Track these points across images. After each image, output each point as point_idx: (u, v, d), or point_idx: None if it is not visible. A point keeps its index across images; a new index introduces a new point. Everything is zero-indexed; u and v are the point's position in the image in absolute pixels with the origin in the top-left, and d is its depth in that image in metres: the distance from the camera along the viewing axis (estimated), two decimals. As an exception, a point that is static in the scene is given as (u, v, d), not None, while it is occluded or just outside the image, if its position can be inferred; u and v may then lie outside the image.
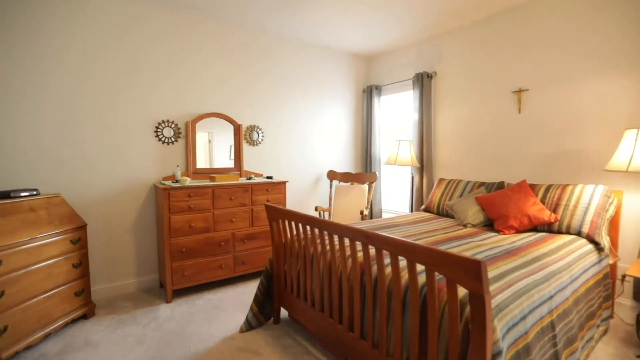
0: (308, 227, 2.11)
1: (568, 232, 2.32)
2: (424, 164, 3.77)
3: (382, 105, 4.50)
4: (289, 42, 3.86)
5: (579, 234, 2.27)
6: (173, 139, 3.14)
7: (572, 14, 2.70)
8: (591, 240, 2.22)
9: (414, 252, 1.29)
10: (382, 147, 4.51)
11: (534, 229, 2.47)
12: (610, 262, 2.27)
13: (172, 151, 3.16)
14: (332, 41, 3.95)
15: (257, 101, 3.67)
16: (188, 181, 2.86)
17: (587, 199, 2.34)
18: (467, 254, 1.85)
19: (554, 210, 2.44)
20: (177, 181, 2.91)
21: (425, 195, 3.78)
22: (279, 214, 2.23)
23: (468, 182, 3.16)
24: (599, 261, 2.17)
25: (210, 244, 2.90)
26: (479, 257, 1.80)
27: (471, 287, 1.09)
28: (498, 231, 2.45)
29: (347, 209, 3.89)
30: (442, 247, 1.97)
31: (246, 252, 3.10)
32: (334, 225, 1.72)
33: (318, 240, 2.01)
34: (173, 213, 2.70)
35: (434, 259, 1.21)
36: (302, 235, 2.09)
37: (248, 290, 3.00)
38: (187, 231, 2.78)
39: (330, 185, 4.14)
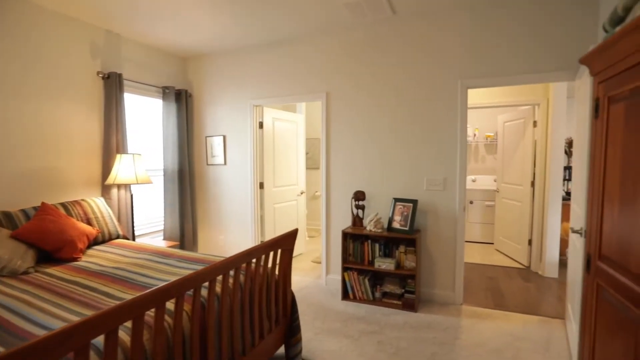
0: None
1: (111, 238, 2.76)
2: None
3: None
4: None
5: (118, 237, 2.82)
6: None
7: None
8: (125, 237, 2.89)
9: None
10: None
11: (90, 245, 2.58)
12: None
13: None
14: None
15: None
16: None
17: (104, 209, 2.86)
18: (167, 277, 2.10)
19: (89, 224, 2.67)
20: None
21: None
22: None
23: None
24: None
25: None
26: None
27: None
28: (69, 260, 2.32)
29: None
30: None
31: None
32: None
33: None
34: None
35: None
36: None
37: None
38: None
39: None
